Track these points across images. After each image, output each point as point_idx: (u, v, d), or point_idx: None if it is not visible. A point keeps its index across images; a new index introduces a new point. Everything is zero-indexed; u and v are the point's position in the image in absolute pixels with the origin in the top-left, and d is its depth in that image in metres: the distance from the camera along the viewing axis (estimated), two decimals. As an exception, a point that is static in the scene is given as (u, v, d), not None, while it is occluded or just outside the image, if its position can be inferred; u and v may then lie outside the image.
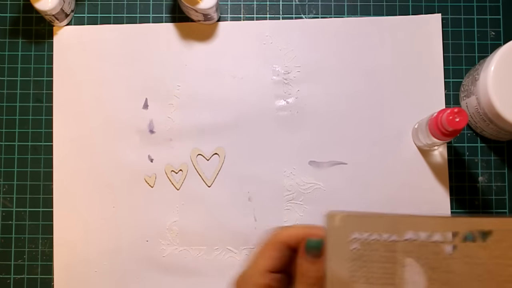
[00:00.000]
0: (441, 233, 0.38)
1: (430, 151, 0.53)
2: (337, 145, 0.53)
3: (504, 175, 0.53)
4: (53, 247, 0.53)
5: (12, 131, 0.54)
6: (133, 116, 0.54)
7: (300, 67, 0.54)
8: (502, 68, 0.47)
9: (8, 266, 0.53)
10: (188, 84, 0.54)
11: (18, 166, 0.54)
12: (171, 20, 0.55)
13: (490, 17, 0.55)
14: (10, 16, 0.55)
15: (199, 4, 0.50)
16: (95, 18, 0.55)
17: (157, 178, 0.53)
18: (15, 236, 0.53)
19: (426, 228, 0.38)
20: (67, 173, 0.53)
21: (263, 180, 0.53)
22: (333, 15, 0.55)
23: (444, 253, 0.38)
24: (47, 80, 0.55)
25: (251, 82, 0.54)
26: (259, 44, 0.54)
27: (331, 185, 0.53)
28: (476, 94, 0.49)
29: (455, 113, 0.43)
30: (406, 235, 0.38)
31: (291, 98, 0.54)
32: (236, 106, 0.54)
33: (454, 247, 0.37)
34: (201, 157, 0.53)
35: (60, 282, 0.52)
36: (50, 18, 0.53)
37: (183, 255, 0.52)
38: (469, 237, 0.37)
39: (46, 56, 0.55)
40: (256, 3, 0.55)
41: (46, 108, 0.54)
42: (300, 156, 0.53)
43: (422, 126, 0.49)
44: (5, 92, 0.55)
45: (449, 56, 0.54)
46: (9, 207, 0.54)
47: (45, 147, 0.54)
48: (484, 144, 0.54)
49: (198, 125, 0.54)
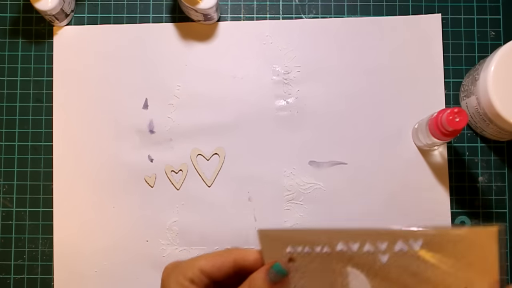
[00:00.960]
0: (371, 243, 0.38)
1: (430, 151, 0.53)
2: (337, 145, 0.53)
3: (504, 175, 0.53)
4: (53, 247, 0.53)
5: (12, 131, 0.54)
6: (133, 116, 0.54)
7: (300, 67, 0.54)
8: (502, 68, 0.47)
9: (8, 266, 0.53)
10: (188, 84, 0.54)
11: (18, 166, 0.54)
12: (171, 20, 0.55)
13: (490, 17, 0.55)
14: (10, 16, 0.55)
15: (199, 4, 0.50)
16: (95, 18, 0.55)
17: (157, 178, 0.53)
18: (15, 236, 0.53)
19: (356, 239, 0.38)
20: (67, 173, 0.53)
21: (263, 180, 0.53)
22: (333, 15, 0.55)
23: (380, 262, 0.38)
24: (47, 80, 0.55)
25: (251, 82, 0.54)
26: (259, 44, 0.54)
27: (331, 185, 0.53)
28: (476, 94, 0.49)
29: (455, 113, 0.43)
30: (337, 247, 0.38)
31: (291, 98, 0.54)
32: (236, 106, 0.54)
33: (388, 257, 0.38)
34: (201, 157, 0.53)
35: (60, 282, 0.52)
36: (50, 18, 0.53)
37: (183, 255, 0.52)
38: (401, 247, 0.37)
39: (46, 56, 0.55)
40: (256, 3, 0.55)
41: (46, 108, 0.54)
42: (300, 156, 0.53)
43: (422, 126, 0.49)
44: (5, 92, 0.55)
45: (449, 56, 0.54)
46: (9, 207, 0.54)
47: (45, 147, 0.54)
48: (484, 144, 0.54)
49: (198, 125, 0.54)
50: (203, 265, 0.39)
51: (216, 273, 0.40)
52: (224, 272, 0.40)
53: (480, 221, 0.53)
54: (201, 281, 0.39)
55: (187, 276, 0.39)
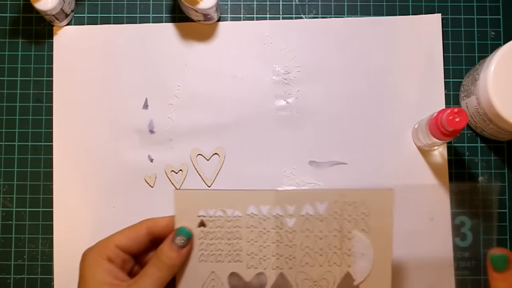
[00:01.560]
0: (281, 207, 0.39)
1: (430, 151, 0.53)
2: (337, 145, 0.53)
3: (504, 175, 0.53)
4: (53, 247, 0.53)
5: (12, 131, 0.54)
6: (133, 116, 0.54)
7: (300, 67, 0.54)
8: (502, 68, 0.47)
9: (8, 266, 0.53)
10: (188, 84, 0.54)
11: (18, 166, 0.54)
12: (171, 20, 0.55)
13: (490, 17, 0.55)
14: (10, 16, 0.55)
15: (199, 4, 0.50)
16: (95, 18, 0.55)
17: (157, 178, 0.53)
18: (15, 236, 0.53)
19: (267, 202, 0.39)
20: (67, 173, 0.53)
21: (263, 180, 0.53)
22: (333, 15, 0.55)
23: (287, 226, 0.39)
24: (47, 80, 0.55)
25: (251, 82, 0.54)
26: (259, 44, 0.54)
27: (331, 185, 0.53)
28: (476, 94, 0.49)
29: (455, 113, 0.43)
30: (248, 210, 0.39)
31: (291, 98, 0.54)
32: (236, 106, 0.54)
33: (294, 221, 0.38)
34: (201, 157, 0.53)
35: (60, 282, 0.52)
36: (50, 18, 0.53)
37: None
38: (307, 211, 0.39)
39: (46, 56, 0.55)
40: (256, 3, 0.55)
41: (46, 108, 0.54)
42: (300, 156, 0.53)
43: (422, 126, 0.49)
44: (5, 92, 0.55)
45: (449, 56, 0.54)
46: (9, 207, 0.54)
47: (45, 147, 0.54)
48: (484, 144, 0.54)
49: (198, 125, 0.54)
50: (118, 240, 0.39)
51: (132, 245, 0.39)
52: (140, 243, 0.40)
53: (480, 221, 0.53)
54: (118, 256, 0.39)
55: (103, 254, 0.39)
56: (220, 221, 0.39)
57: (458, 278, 0.52)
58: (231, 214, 0.39)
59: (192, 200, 0.40)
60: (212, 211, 0.39)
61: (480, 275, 0.52)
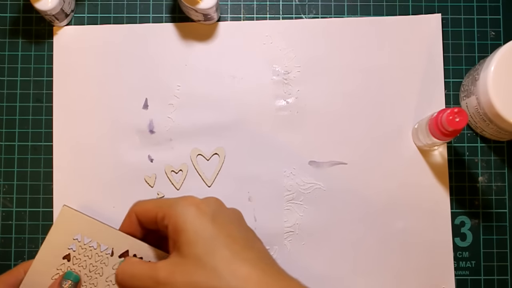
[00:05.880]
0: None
1: (430, 151, 0.53)
2: (337, 145, 0.53)
3: (504, 175, 0.53)
4: (53, 247, 0.53)
5: (12, 131, 0.54)
6: (133, 116, 0.54)
7: (300, 67, 0.54)
8: (502, 68, 0.47)
9: (8, 266, 0.53)
10: (188, 84, 0.54)
11: (18, 166, 0.54)
12: (171, 20, 0.55)
13: (490, 17, 0.55)
14: (10, 16, 0.55)
15: (199, 4, 0.50)
16: (95, 18, 0.55)
17: (157, 178, 0.53)
18: (15, 236, 0.53)
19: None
20: (67, 173, 0.53)
21: (263, 180, 0.53)
22: (333, 15, 0.55)
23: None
24: (47, 80, 0.55)
25: (251, 82, 0.54)
26: (259, 44, 0.54)
27: (331, 185, 0.53)
28: (476, 94, 0.49)
29: (455, 113, 0.43)
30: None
31: (291, 98, 0.54)
32: (236, 106, 0.54)
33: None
34: (201, 157, 0.53)
35: (60, 282, 0.52)
36: (50, 18, 0.53)
37: (183, 255, 0.52)
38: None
39: (46, 56, 0.55)
40: (256, 3, 0.55)
41: (46, 108, 0.54)
42: (300, 156, 0.53)
43: (422, 126, 0.49)
44: (5, 92, 0.55)
45: (449, 56, 0.54)
46: (9, 207, 0.54)
47: (45, 147, 0.54)
48: (484, 144, 0.54)
49: (198, 125, 0.54)
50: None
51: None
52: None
53: (480, 221, 0.53)
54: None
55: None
56: (91, 253, 0.42)
57: (458, 278, 0.52)
58: (103, 250, 0.42)
59: (75, 222, 0.42)
60: (87, 240, 0.42)
61: (480, 275, 0.52)
